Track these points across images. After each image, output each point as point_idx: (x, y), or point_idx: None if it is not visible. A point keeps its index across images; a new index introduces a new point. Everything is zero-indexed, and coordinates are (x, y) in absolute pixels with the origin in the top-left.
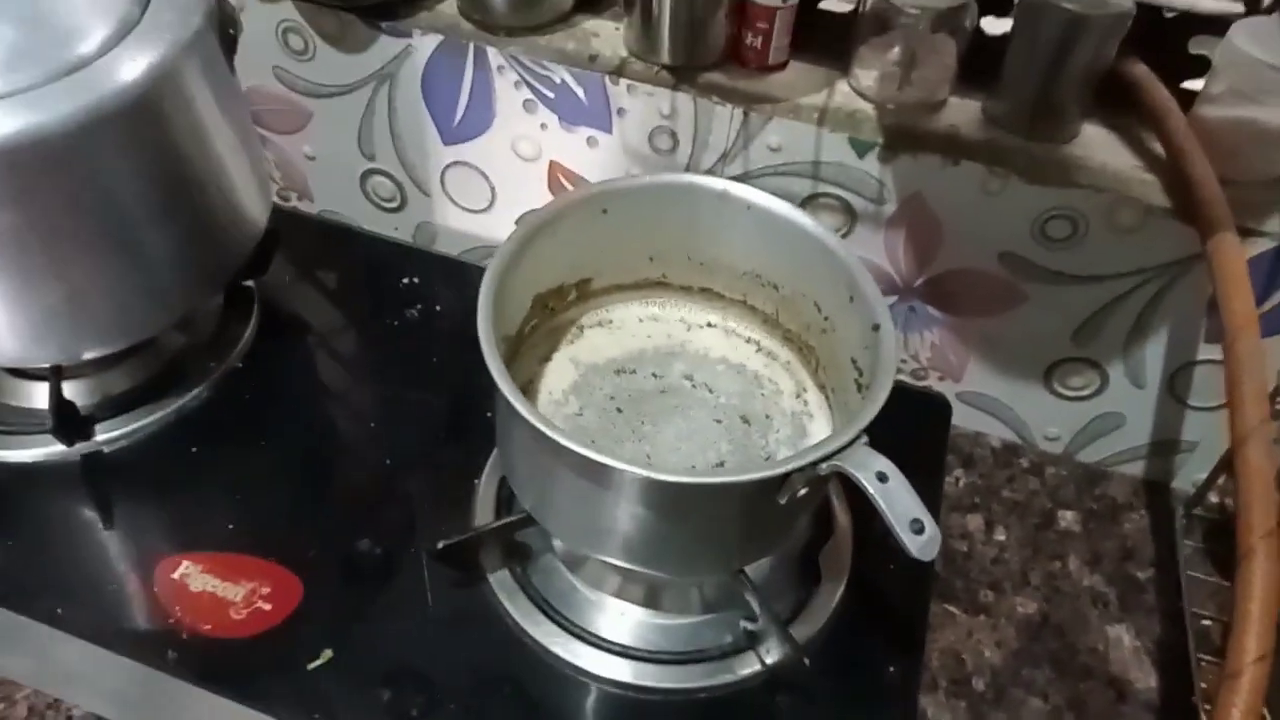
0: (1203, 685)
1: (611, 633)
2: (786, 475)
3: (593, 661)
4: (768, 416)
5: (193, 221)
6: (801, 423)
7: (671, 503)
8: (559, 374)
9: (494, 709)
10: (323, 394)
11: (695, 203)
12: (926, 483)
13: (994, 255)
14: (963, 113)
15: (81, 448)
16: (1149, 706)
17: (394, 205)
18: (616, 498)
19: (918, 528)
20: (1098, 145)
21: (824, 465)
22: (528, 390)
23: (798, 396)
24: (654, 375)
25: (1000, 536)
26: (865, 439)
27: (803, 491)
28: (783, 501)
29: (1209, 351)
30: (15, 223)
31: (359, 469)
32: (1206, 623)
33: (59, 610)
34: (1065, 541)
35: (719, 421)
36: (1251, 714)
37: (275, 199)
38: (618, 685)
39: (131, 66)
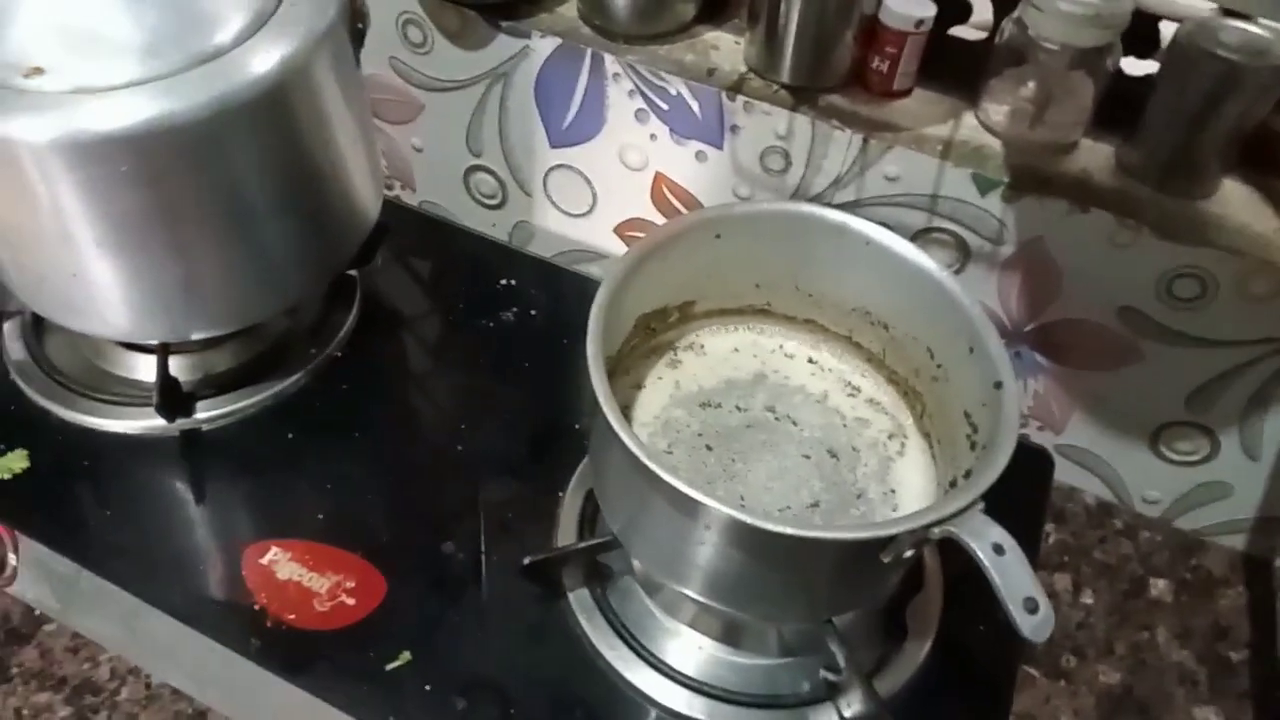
0: None
1: (684, 664)
2: (894, 537)
3: (664, 693)
4: (854, 449)
5: (310, 211)
6: (888, 459)
7: (766, 549)
8: (651, 402)
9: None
10: (417, 389)
11: (811, 233)
12: (1023, 540)
13: (1113, 309)
14: (1095, 157)
15: (182, 424)
16: None
17: (495, 203)
18: (710, 536)
19: (1031, 607)
20: (1238, 204)
21: (936, 530)
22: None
23: (891, 437)
24: (737, 408)
25: (1088, 600)
26: (982, 505)
27: (908, 554)
28: (886, 561)
29: None
30: (143, 205)
31: (447, 470)
32: None
33: (148, 583)
34: (1155, 611)
35: (807, 457)
36: None
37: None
38: (682, 718)
39: (265, 58)
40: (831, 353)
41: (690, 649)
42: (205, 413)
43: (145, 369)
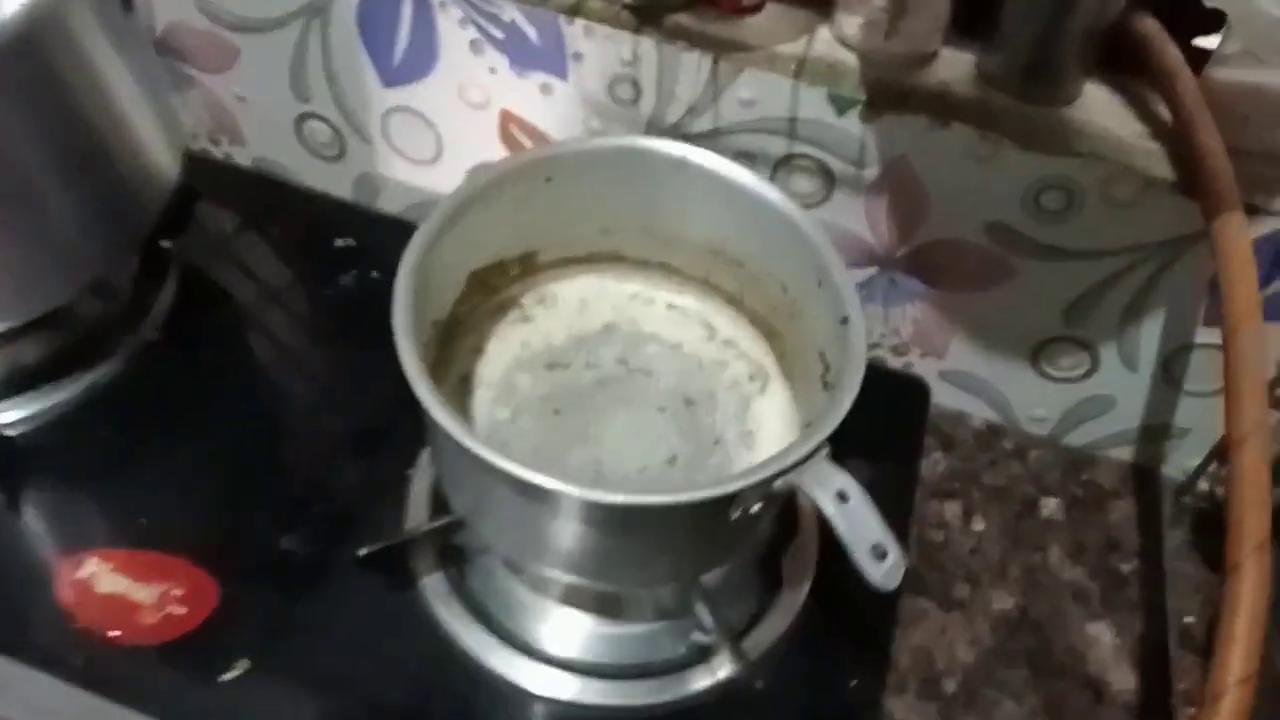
0: (1181, 686)
1: (555, 644)
2: (736, 494)
3: (533, 678)
4: (711, 393)
5: (91, 178)
6: (747, 398)
7: (615, 521)
8: (494, 366)
9: None
10: (246, 371)
11: (651, 171)
12: (902, 473)
13: (982, 226)
14: (955, 68)
15: None
16: (1127, 708)
17: (333, 154)
18: (556, 514)
19: (880, 553)
20: (1099, 109)
21: (778, 482)
22: (463, 387)
23: (752, 379)
24: (587, 365)
25: (979, 526)
26: (826, 450)
27: (756, 507)
28: (734, 517)
29: (1208, 335)
30: None
31: (284, 456)
32: (1189, 620)
33: None
34: (1047, 531)
35: (663, 410)
36: None
37: (206, 144)
38: (559, 704)
39: (7, 4)
40: (689, 296)
41: (559, 624)
42: (10, 414)
43: None
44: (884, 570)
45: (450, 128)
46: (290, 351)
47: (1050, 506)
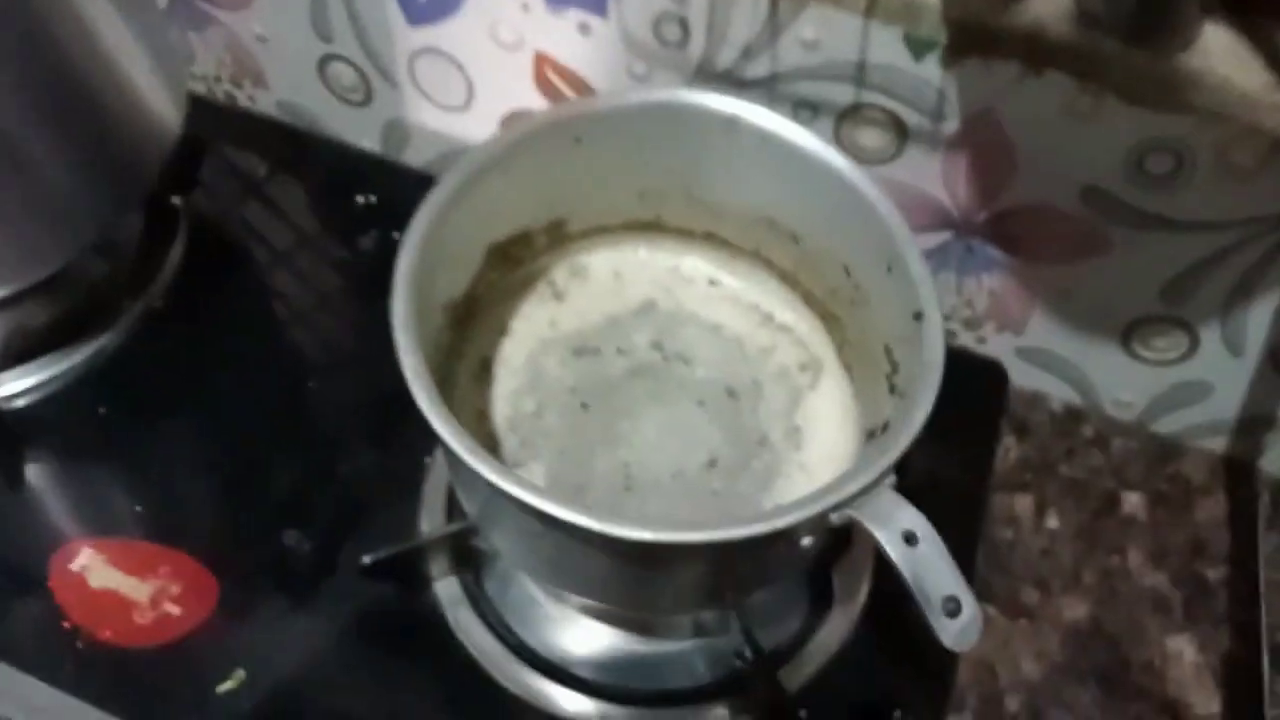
0: (1274, 713)
1: (577, 661)
2: (781, 531)
3: (551, 698)
4: (756, 383)
5: (83, 129)
6: (798, 391)
7: (638, 553)
8: (519, 350)
9: None
10: (254, 343)
11: (696, 130)
12: (974, 470)
13: (1076, 191)
14: (1051, 5)
15: None
16: None
17: (358, 99)
18: (575, 542)
19: (953, 608)
20: (1220, 55)
21: (834, 515)
22: (485, 373)
23: (803, 368)
24: (619, 351)
25: (1053, 524)
26: (892, 480)
27: (806, 542)
28: (781, 551)
29: None
30: None
31: (293, 441)
32: None
33: None
34: (1127, 531)
35: (702, 404)
36: None
37: (230, 87)
38: None
39: None
40: (736, 272)
41: (582, 638)
42: (9, 385)
43: None
44: (958, 629)
45: (481, 71)
46: (304, 321)
47: (1132, 503)
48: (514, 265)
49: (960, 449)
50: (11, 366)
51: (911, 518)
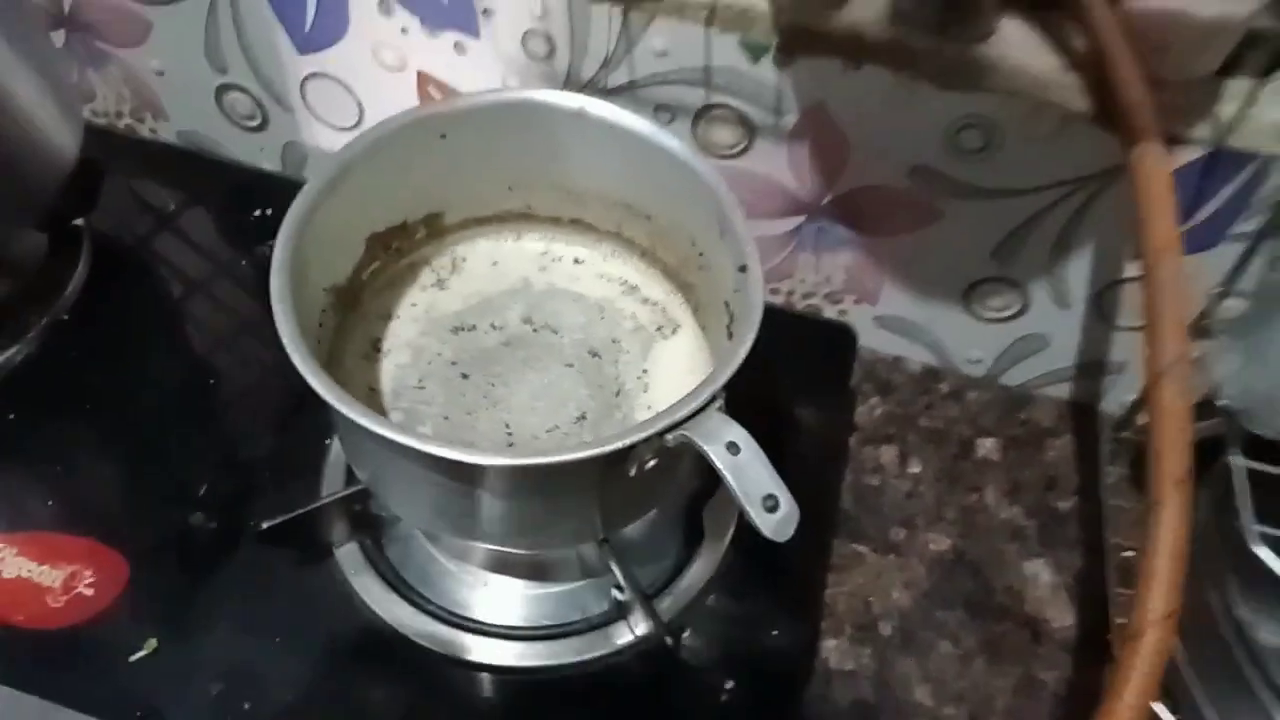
0: (1120, 621)
1: (474, 608)
2: (631, 447)
3: (454, 642)
4: (614, 341)
5: None
6: (649, 341)
7: (508, 484)
8: (402, 332)
9: (338, 699)
10: (160, 348)
11: (551, 124)
12: (833, 417)
13: (905, 169)
14: (866, 8)
15: None
16: (1065, 646)
17: (255, 124)
18: (452, 481)
19: (771, 504)
20: (1015, 44)
21: (670, 436)
22: (372, 355)
23: (659, 329)
24: (493, 326)
25: (915, 469)
26: (719, 404)
27: (653, 462)
28: (631, 474)
29: (1138, 268)
30: None
31: (197, 433)
32: (1128, 554)
33: None
34: (984, 471)
35: (570, 366)
36: (1152, 675)
37: (131, 121)
38: (483, 667)
39: None
40: (603, 253)
41: (477, 588)
42: None
43: None
44: (776, 521)
45: (369, 92)
46: (205, 326)
47: (987, 447)
48: (396, 255)
49: (821, 402)
50: None
51: (734, 431)
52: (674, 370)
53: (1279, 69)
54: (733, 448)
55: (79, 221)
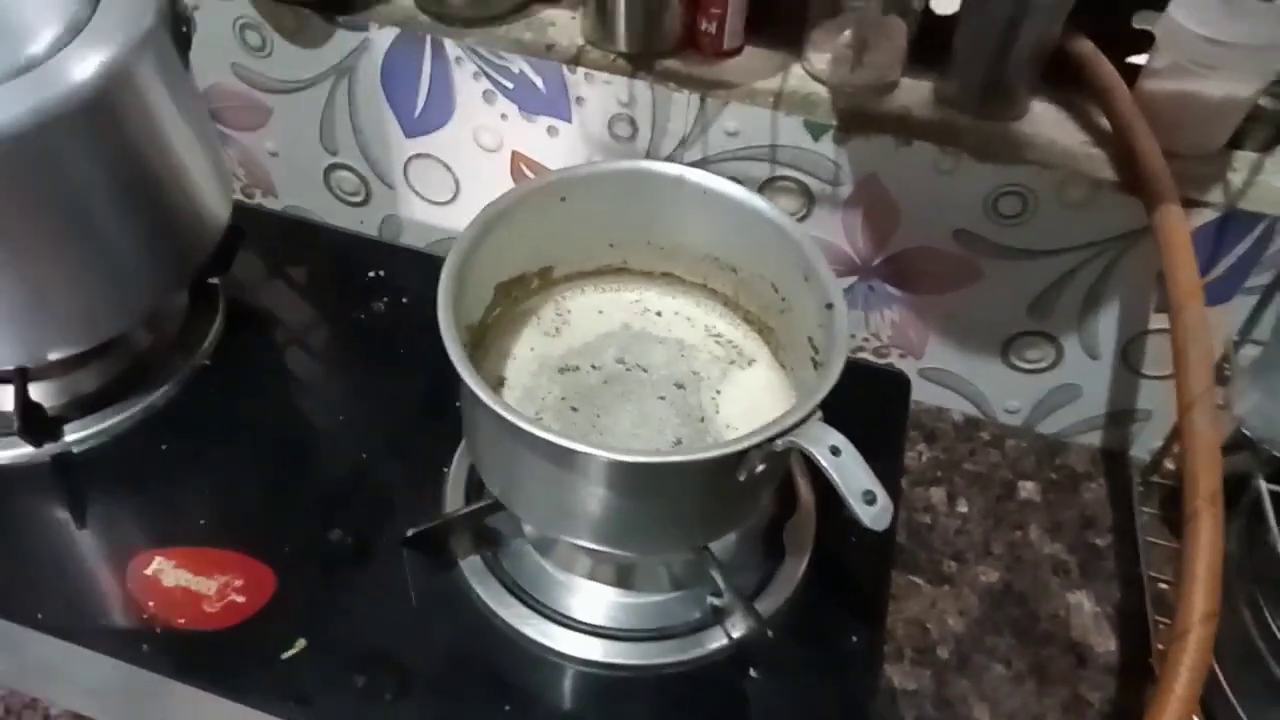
0: (1159, 646)
1: (581, 613)
2: (744, 452)
3: (562, 640)
4: (694, 373)
5: (153, 218)
6: (724, 372)
7: (633, 483)
8: (521, 371)
9: (467, 689)
10: (292, 388)
11: (653, 189)
12: (887, 458)
13: (949, 233)
14: (915, 94)
15: (50, 449)
16: (1108, 669)
17: (358, 200)
18: (581, 481)
19: (870, 499)
20: (1046, 122)
21: (779, 441)
22: (498, 390)
23: (732, 362)
24: (593, 367)
25: (963, 508)
26: (820, 415)
27: (760, 468)
28: (741, 478)
29: (1160, 321)
30: None
31: (330, 461)
32: (1163, 586)
33: (34, 609)
34: (1026, 511)
35: (663, 398)
36: (1199, 669)
37: (239, 196)
38: (588, 663)
39: (83, 66)
40: (690, 301)
41: (584, 597)
42: (74, 434)
43: (6, 399)
44: (874, 513)
45: (466, 170)
46: (330, 370)
47: (1028, 489)
48: (513, 303)
49: (876, 446)
50: (79, 417)
51: (835, 437)
52: (749, 398)
53: None
54: (835, 450)
55: (214, 280)
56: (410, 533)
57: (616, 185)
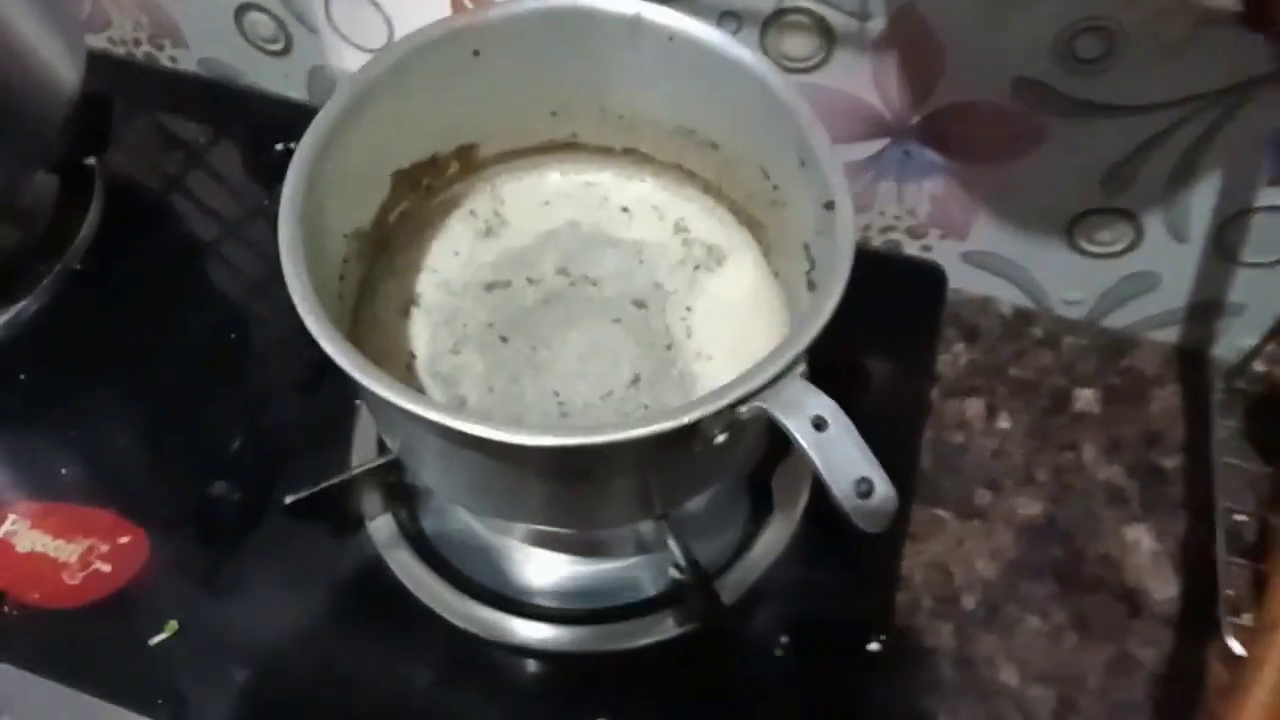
0: (1229, 592)
1: (522, 588)
2: (694, 425)
3: (500, 628)
4: (657, 285)
5: None
6: (694, 277)
7: (561, 465)
8: (437, 285)
9: (372, 686)
10: (179, 300)
11: (601, 37)
12: (914, 371)
13: (1007, 83)
14: None
15: None
16: (1166, 620)
17: (278, 48)
18: (499, 463)
19: (865, 489)
20: None
21: (744, 408)
22: (406, 312)
23: (699, 263)
24: (529, 281)
25: (1004, 424)
26: (801, 370)
27: (721, 438)
28: (697, 449)
29: (1270, 196)
30: None
31: (219, 397)
32: (1241, 518)
33: None
34: (1080, 426)
35: (618, 321)
36: None
37: (150, 48)
38: (518, 650)
39: None
40: (658, 186)
41: (528, 568)
42: None
43: None
44: (871, 510)
45: (398, 7)
46: (227, 276)
47: (1084, 399)
48: (426, 194)
49: (902, 351)
50: None
51: (821, 403)
52: (730, 316)
53: None
54: (819, 422)
55: (90, 162)
56: (290, 499)
57: (550, 31)
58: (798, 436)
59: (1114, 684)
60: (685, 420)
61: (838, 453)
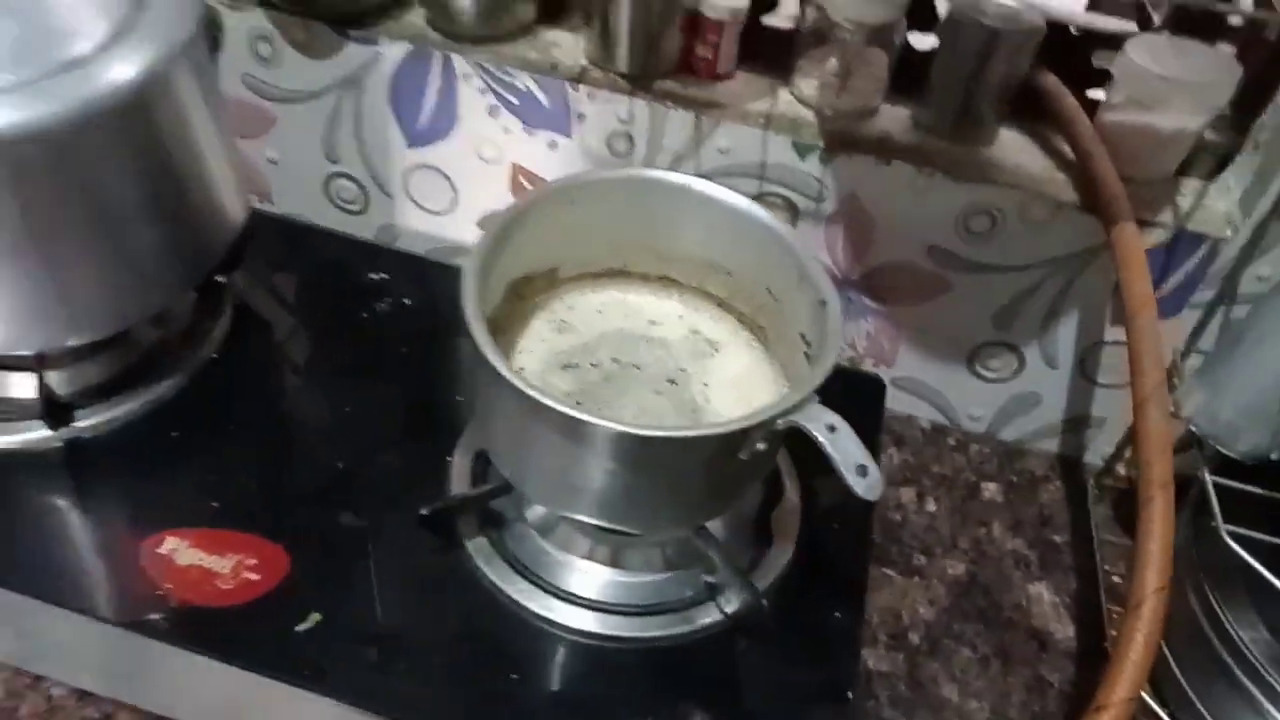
0: (1113, 633)
1: (580, 590)
2: (747, 430)
3: (563, 614)
4: (682, 370)
5: (175, 217)
6: (704, 357)
7: (640, 458)
8: (529, 364)
9: (474, 661)
10: (296, 381)
11: (657, 195)
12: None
13: (923, 248)
14: (894, 119)
15: (64, 433)
16: (1067, 654)
17: (356, 208)
18: (591, 455)
19: (863, 471)
20: (1014, 148)
21: (780, 421)
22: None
23: (712, 346)
24: (592, 365)
25: (931, 507)
26: (817, 398)
27: (761, 446)
28: (743, 457)
29: (1115, 333)
30: (7, 213)
31: (335, 450)
32: (1116, 579)
33: (46, 586)
34: (989, 510)
35: (659, 393)
36: (1152, 639)
37: None
38: (586, 635)
39: (126, 66)
40: (683, 303)
41: (583, 575)
42: (86, 420)
43: (17, 387)
44: (866, 484)
45: (465, 181)
46: (335, 365)
47: (991, 490)
48: (520, 302)
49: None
50: (92, 404)
51: (831, 416)
52: (736, 389)
53: (1223, 171)
54: (831, 428)
55: (221, 278)
56: (425, 511)
57: (623, 191)
58: (818, 437)
59: (1032, 699)
60: (744, 425)
61: (845, 447)
